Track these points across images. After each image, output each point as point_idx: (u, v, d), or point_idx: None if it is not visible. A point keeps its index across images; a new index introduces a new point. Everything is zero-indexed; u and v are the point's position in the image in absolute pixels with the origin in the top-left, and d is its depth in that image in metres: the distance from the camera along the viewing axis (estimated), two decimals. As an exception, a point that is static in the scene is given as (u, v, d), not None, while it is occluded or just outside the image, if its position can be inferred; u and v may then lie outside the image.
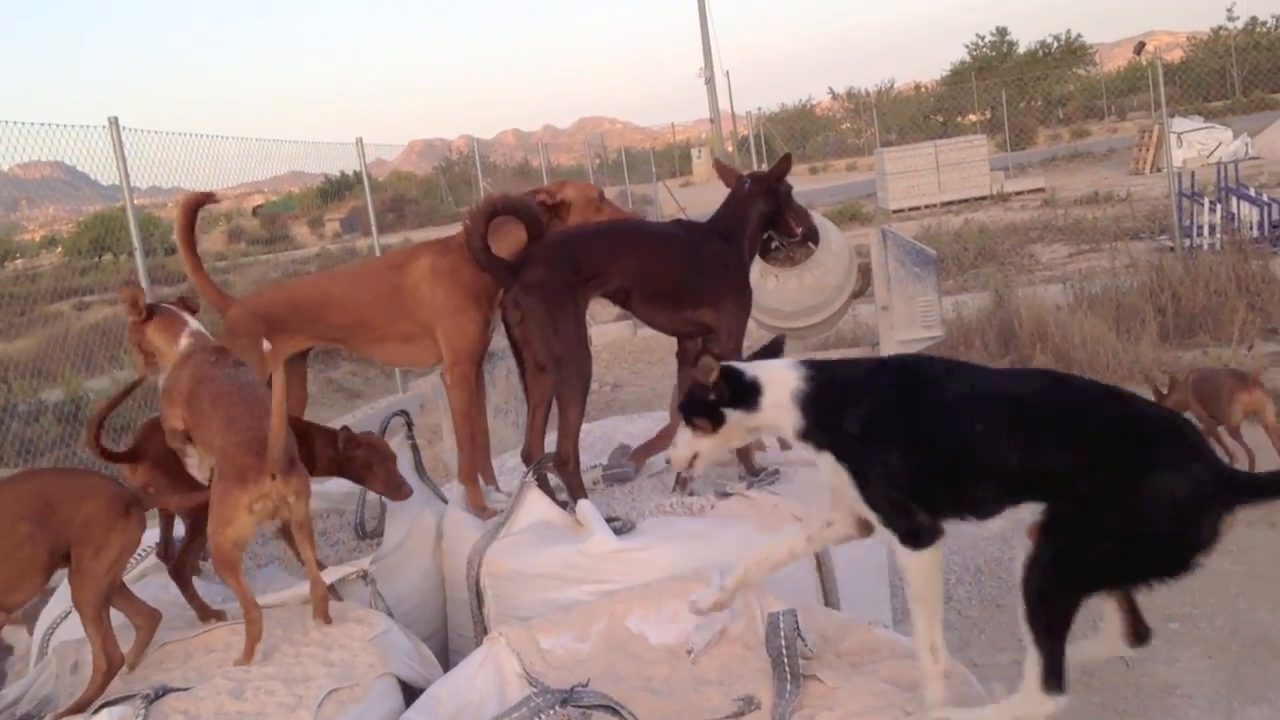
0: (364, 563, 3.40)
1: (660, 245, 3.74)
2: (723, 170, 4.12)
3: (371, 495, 4.17)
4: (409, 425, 4.19)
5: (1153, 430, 2.30)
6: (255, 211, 44.39)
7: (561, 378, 3.45)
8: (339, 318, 3.81)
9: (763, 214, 3.95)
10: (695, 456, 2.71)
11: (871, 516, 2.48)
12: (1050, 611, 2.26)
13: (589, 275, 3.54)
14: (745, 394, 2.59)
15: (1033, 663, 2.27)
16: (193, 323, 3.31)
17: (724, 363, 2.63)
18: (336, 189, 39.59)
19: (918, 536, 2.42)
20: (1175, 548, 2.22)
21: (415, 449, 4.18)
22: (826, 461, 2.52)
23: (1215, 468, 2.25)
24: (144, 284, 8.36)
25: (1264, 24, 56.15)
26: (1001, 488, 2.35)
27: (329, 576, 3.25)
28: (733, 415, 2.62)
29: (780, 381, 2.58)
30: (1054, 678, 2.26)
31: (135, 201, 8.82)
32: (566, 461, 3.50)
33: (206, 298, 3.99)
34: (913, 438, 2.41)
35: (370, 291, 3.80)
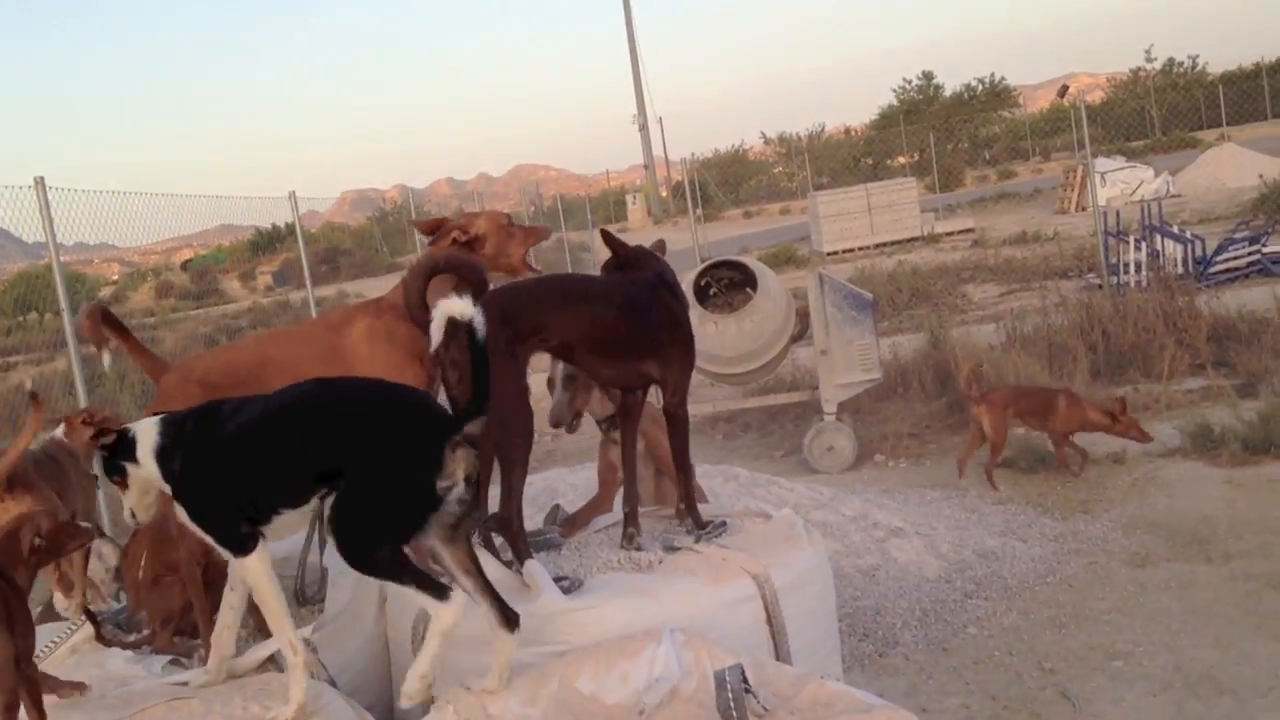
0: (305, 631, 3.33)
1: (603, 298, 3.68)
2: (612, 241, 3.94)
3: (312, 559, 4.10)
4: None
5: (386, 399, 2.83)
6: (184, 266, 43.82)
7: (503, 438, 3.38)
8: (276, 381, 3.70)
9: None
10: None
11: (208, 540, 2.87)
12: (389, 562, 2.69)
13: (529, 332, 3.49)
14: (127, 449, 2.88)
15: (419, 593, 2.71)
16: None
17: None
18: (268, 241, 39.21)
19: (243, 545, 2.83)
20: (424, 480, 2.66)
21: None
22: (177, 504, 2.87)
23: (431, 413, 2.79)
24: (70, 344, 8.25)
25: (1181, 64, 57.67)
26: (306, 480, 2.77)
27: (269, 646, 3.19)
28: (131, 469, 2.88)
29: (147, 435, 2.88)
30: (438, 590, 2.71)
31: (61, 258, 8.66)
32: (510, 522, 3.45)
33: (140, 364, 3.93)
34: (218, 466, 2.80)
35: (308, 353, 3.73)
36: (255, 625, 3.51)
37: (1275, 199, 19.87)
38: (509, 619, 2.85)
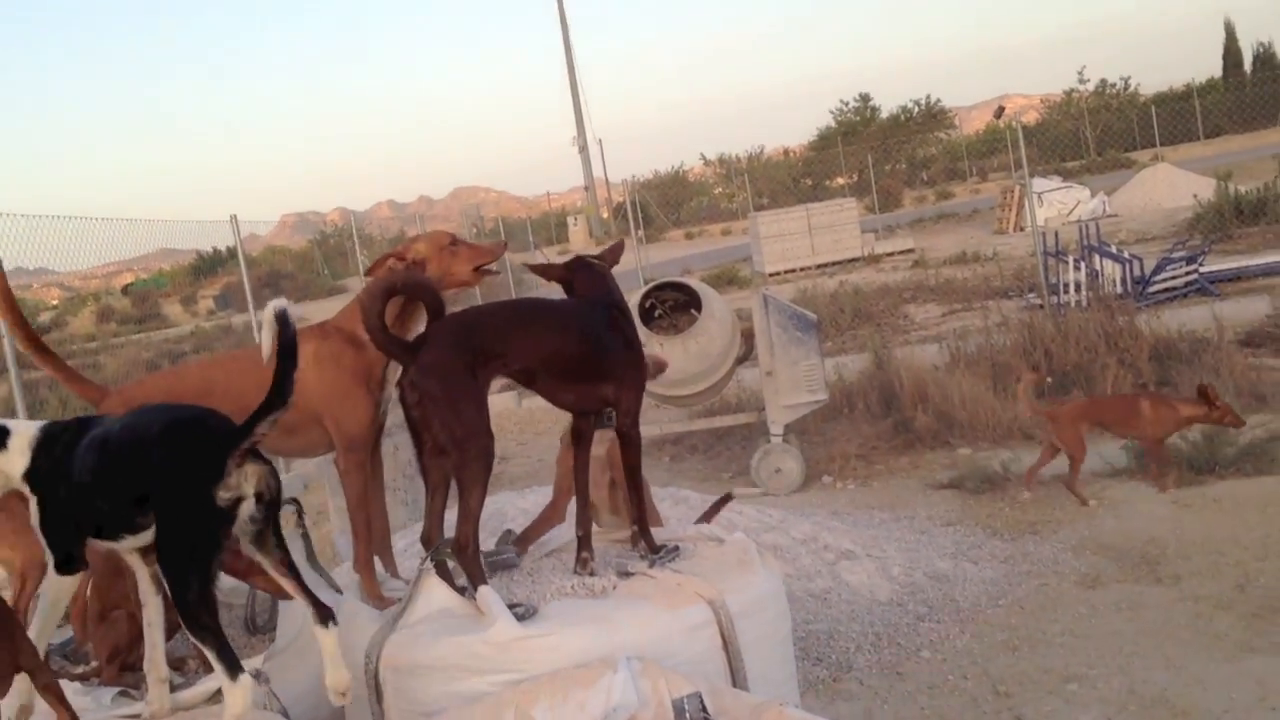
0: (256, 661, 3.26)
1: (566, 323, 3.65)
2: (538, 270, 3.95)
3: (262, 588, 4.02)
4: (300, 513, 4.04)
5: (169, 420, 2.86)
6: (125, 290, 43.26)
7: (463, 461, 3.33)
8: (221, 406, 3.61)
9: None
10: None
11: (42, 542, 2.92)
12: (201, 609, 2.68)
13: (491, 355, 3.44)
14: None
15: (215, 663, 2.71)
16: None
17: None
18: (209, 265, 38.82)
19: (70, 565, 2.91)
20: (205, 494, 2.68)
21: (306, 538, 4.03)
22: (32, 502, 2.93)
23: (208, 425, 2.83)
24: (11, 370, 8.08)
25: (1113, 85, 58.84)
26: (125, 506, 2.80)
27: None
28: None
29: (25, 430, 2.96)
30: (232, 665, 2.72)
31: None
32: (466, 547, 3.38)
33: (76, 390, 3.79)
34: (68, 479, 2.85)
35: (255, 377, 3.60)
36: (200, 662, 3.43)
37: (1210, 219, 20.23)
38: (324, 616, 2.95)
